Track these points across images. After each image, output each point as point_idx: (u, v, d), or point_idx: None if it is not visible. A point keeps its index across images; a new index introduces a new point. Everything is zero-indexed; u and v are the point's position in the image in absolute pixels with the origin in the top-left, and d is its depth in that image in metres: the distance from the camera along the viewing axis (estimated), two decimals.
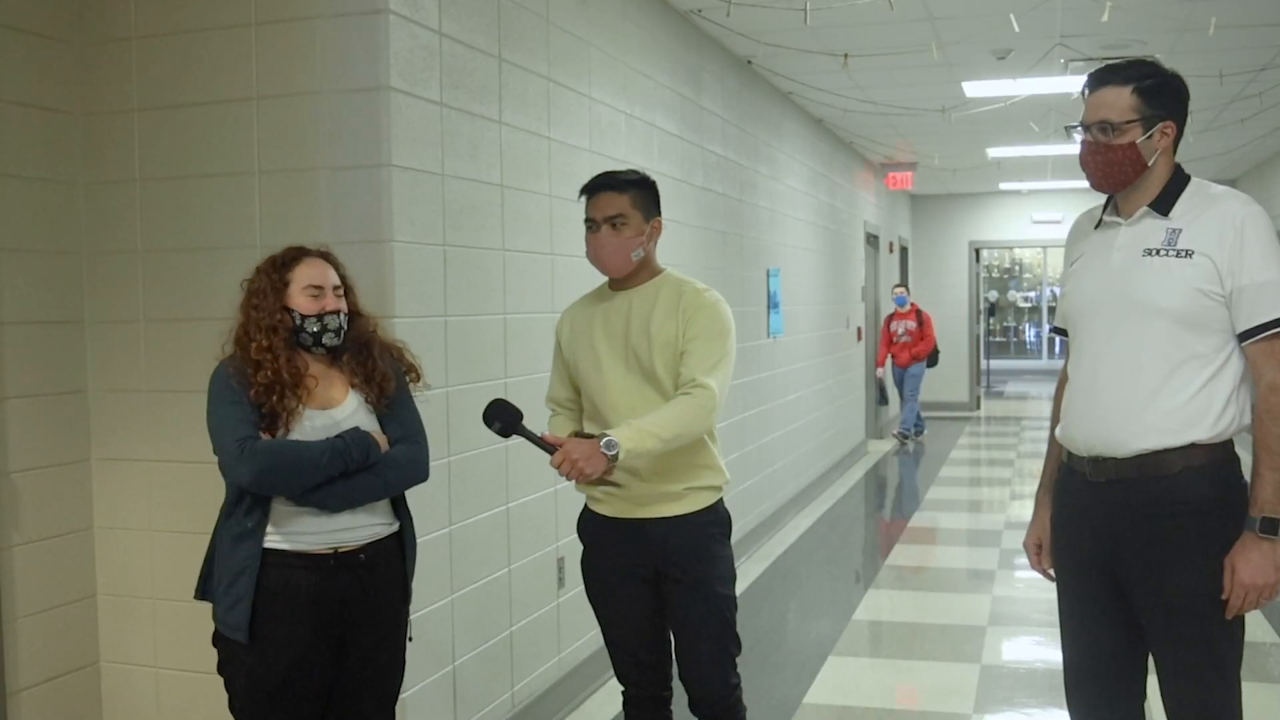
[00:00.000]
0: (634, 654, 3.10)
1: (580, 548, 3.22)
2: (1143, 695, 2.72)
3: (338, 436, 2.65)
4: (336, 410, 2.72)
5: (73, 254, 3.61)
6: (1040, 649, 5.26)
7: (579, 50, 4.63)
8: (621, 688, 3.17)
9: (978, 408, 16.17)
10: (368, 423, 2.76)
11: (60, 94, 3.55)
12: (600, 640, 4.48)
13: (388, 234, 3.33)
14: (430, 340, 3.54)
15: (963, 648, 5.30)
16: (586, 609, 3.28)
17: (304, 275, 2.72)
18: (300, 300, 2.71)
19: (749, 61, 7.21)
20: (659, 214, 3.10)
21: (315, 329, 2.71)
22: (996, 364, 22.02)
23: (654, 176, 3.22)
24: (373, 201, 3.34)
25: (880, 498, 10.04)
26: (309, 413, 2.67)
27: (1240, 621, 2.56)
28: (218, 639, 2.73)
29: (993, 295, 25.18)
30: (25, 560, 3.44)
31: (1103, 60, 7.29)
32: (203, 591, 2.77)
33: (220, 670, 2.75)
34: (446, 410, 3.62)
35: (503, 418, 2.85)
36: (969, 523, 8.55)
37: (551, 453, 2.78)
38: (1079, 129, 2.64)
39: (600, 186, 3.04)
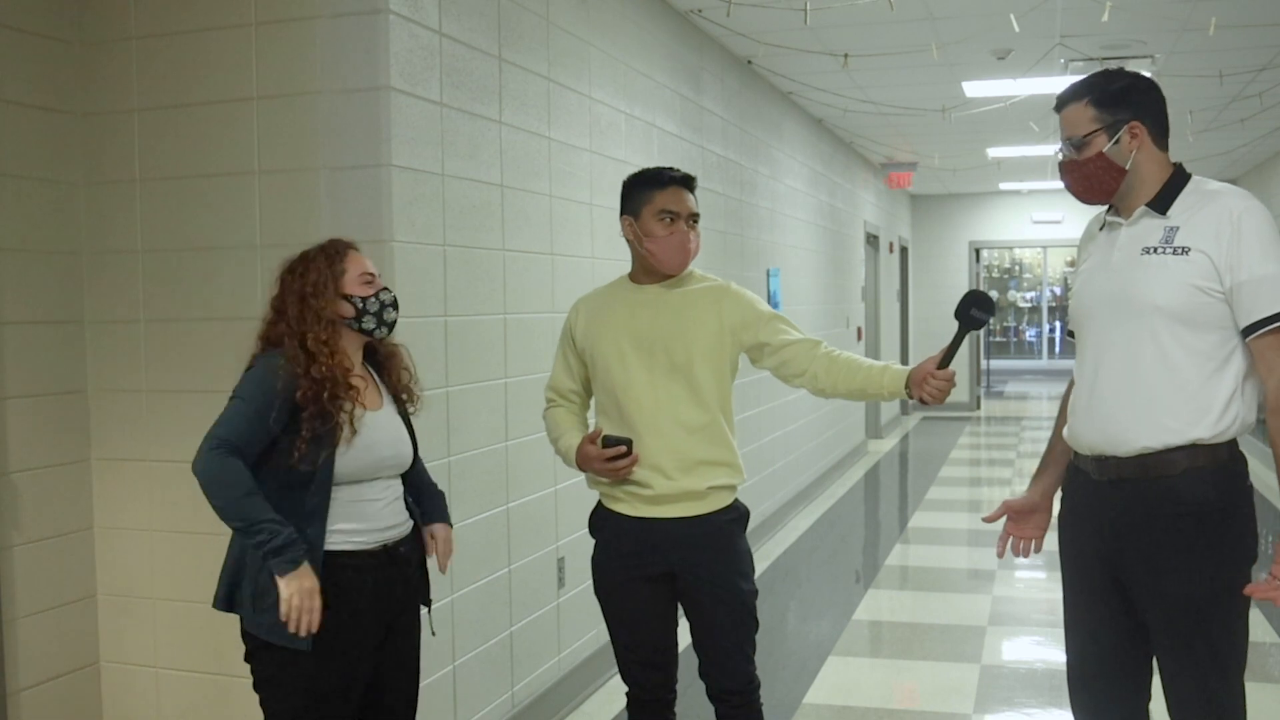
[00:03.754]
0: (641, 654, 3.08)
1: (587, 546, 3.21)
2: (1147, 696, 2.72)
3: (278, 536, 2.51)
4: (374, 414, 2.71)
5: (73, 254, 3.61)
6: (1040, 649, 5.27)
7: (579, 50, 4.64)
8: (626, 687, 3.16)
9: (978, 408, 16.17)
10: (403, 432, 2.79)
11: (60, 94, 3.56)
12: (600, 640, 4.47)
13: (388, 234, 3.33)
14: (430, 340, 3.54)
15: (963, 648, 5.30)
16: (586, 609, 3.28)
17: (357, 263, 2.73)
18: (356, 287, 2.70)
19: (749, 61, 7.21)
20: None
21: (376, 308, 2.71)
22: (996, 364, 22.02)
23: None
24: (373, 201, 3.34)
25: (880, 498, 10.04)
26: (368, 416, 2.67)
27: (1244, 624, 2.55)
28: (259, 652, 2.62)
29: (993, 295, 25.16)
30: (25, 560, 3.44)
31: (1103, 60, 7.30)
32: (228, 602, 2.65)
33: (264, 684, 2.62)
34: (446, 410, 3.62)
35: (988, 309, 2.81)
36: (969, 523, 8.54)
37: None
38: (1060, 152, 2.70)
39: (676, 182, 3.04)
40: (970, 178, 13.61)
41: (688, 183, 3.06)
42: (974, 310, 2.79)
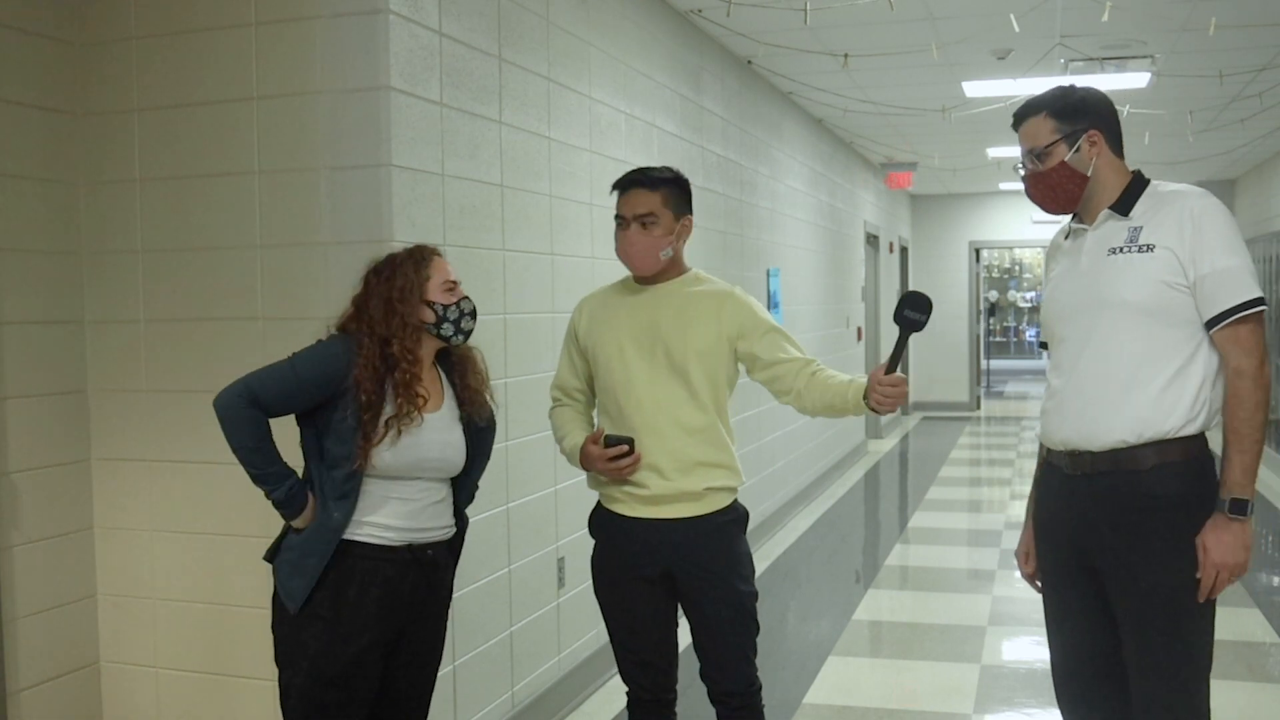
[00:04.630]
0: (640, 655, 3.08)
1: (587, 546, 3.21)
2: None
3: (279, 489, 2.66)
4: (429, 415, 2.73)
5: (73, 254, 3.61)
6: (1040, 649, 5.25)
7: (579, 50, 4.64)
8: (626, 688, 3.16)
9: (978, 408, 16.17)
10: (455, 437, 2.80)
11: (60, 94, 3.56)
12: (601, 640, 4.47)
13: (388, 234, 3.33)
14: None
15: (963, 648, 5.30)
16: (586, 609, 3.28)
17: (441, 270, 2.78)
18: (439, 294, 2.75)
19: (749, 61, 7.21)
20: (690, 212, 3.07)
21: (456, 316, 2.76)
22: (996, 364, 22.02)
23: None
24: (373, 201, 3.34)
25: (880, 498, 10.04)
26: (428, 418, 2.71)
27: (1211, 616, 2.61)
28: (278, 626, 2.70)
29: (993, 295, 25.16)
30: (25, 560, 3.44)
31: (1103, 60, 7.29)
32: (273, 554, 2.75)
33: (279, 656, 2.69)
34: None
35: (923, 309, 2.79)
36: (969, 523, 8.55)
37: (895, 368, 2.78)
38: (1020, 166, 2.77)
39: (632, 183, 3.01)
40: (970, 178, 13.61)
41: (642, 182, 3.00)
42: (908, 311, 2.79)
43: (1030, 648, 5.36)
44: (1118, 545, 2.59)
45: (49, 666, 3.54)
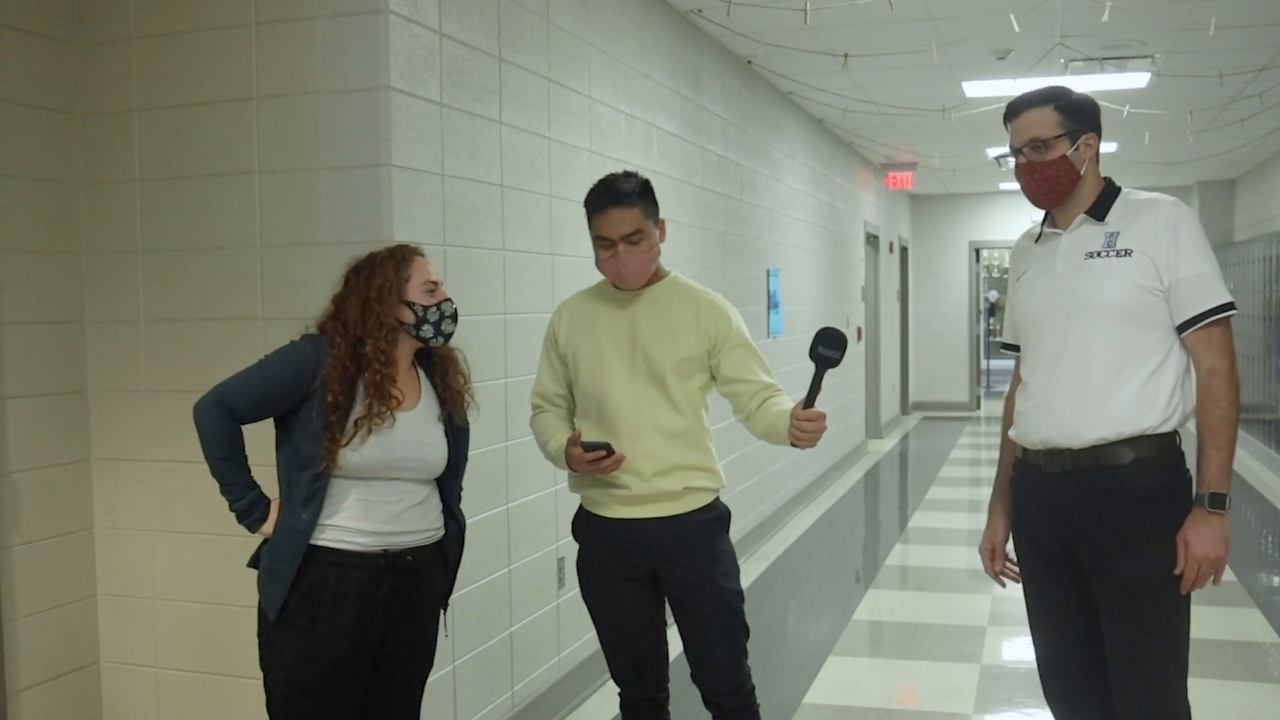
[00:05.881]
0: (631, 656, 3.09)
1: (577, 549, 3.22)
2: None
3: (241, 500, 2.65)
4: (404, 414, 2.70)
5: (73, 254, 3.61)
6: None
7: (579, 50, 4.64)
8: (618, 689, 3.17)
9: (978, 408, 16.17)
10: (434, 437, 2.75)
11: (60, 94, 3.56)
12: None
13: (388, 234, 3.33)
14: None
15: (963, 648, 5.30)
16: (586, 609, 3.28)
17: (422, 271, 2.74)
18: (418, 295, 2.72)
19: (749, 61, 7.21)
20: (659, 212, 3.07)
21: (436, 318, 2.73)
22: (996, 364, 22.00)
23: (654, 177, 3.21)
24: (373, 201, 3.34)
25: (880, 498, 10.04)
26: (401, 418, 2.69)
27: (1188, 609, 2.67)
28: (261, 633, 2.68)
29: (993, 295, 25.15)
30: (25, 560, 3.44)
31: (1103, 60, 7.30)
32: (256, 560, 2.73)
33: (261, 662, 2.68)
34: None
35: (837, 346, 2.77)
36: (969, 523, 8.55)
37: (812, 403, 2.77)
38: (1010, 156, 2.84)
39: (608, 204, 2.96)
40: (970, 178, 13.61)
41: (618, 202, 2.95)
42: (821, 349, 2.78)
43: (1030, 648, 5.34)
44: (1099, 537, 2.65)
45: (49, 666, 3.54)
